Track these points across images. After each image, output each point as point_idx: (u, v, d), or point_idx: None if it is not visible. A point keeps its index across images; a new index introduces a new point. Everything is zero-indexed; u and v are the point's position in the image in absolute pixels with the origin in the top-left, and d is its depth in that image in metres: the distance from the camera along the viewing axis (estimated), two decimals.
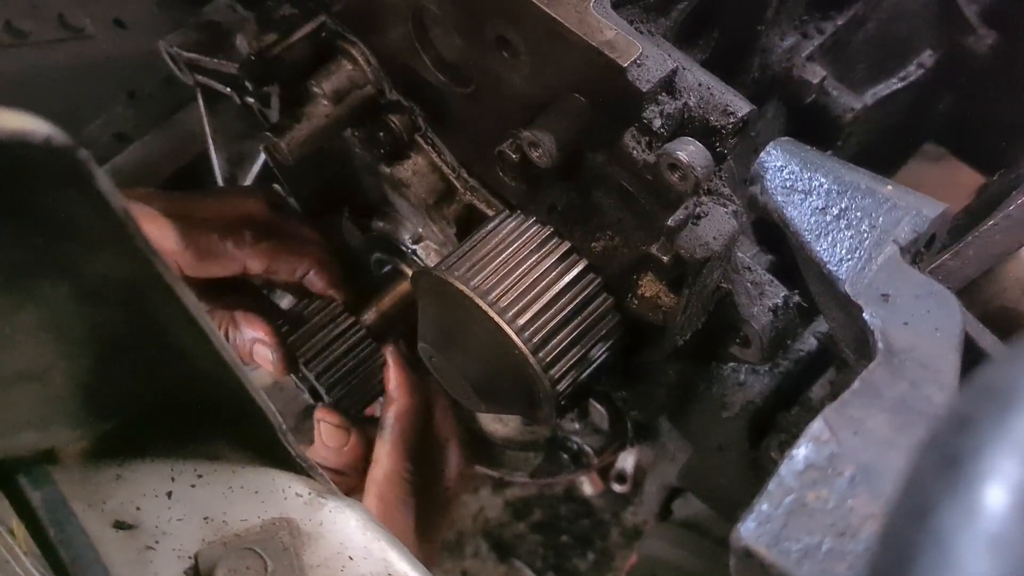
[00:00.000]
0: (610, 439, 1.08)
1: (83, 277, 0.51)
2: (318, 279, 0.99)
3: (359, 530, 0.63)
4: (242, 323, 0.98)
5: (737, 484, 0.91)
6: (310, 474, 0.65)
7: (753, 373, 0.89)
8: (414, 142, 0.90)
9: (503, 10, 0.70)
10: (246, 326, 0.97)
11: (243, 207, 0.99)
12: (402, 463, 0.97)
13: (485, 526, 2.08)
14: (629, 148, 0.70)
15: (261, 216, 0.99)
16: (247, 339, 0.97)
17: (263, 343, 0.97)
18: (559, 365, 0.77)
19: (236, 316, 0.98)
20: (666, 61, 0.68)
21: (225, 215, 0.96)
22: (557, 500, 2.10)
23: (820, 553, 0.48)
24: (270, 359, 0.97)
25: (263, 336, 0.96)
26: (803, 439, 0.52)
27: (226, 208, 0.98)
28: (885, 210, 0.67)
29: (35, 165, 0.42)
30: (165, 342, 0.57)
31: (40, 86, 1.07)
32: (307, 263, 0.98)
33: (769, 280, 0.80)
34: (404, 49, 0.82)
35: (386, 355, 0.99)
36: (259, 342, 0.97)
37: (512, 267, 0.76)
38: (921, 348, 0.57)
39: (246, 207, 0.99)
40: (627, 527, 2.07)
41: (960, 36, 1.09)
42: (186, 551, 0.60)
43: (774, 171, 0.71)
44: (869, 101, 1.04)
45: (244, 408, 0.60)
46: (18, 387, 0.56)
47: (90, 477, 0.62)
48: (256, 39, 0.87)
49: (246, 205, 0.99)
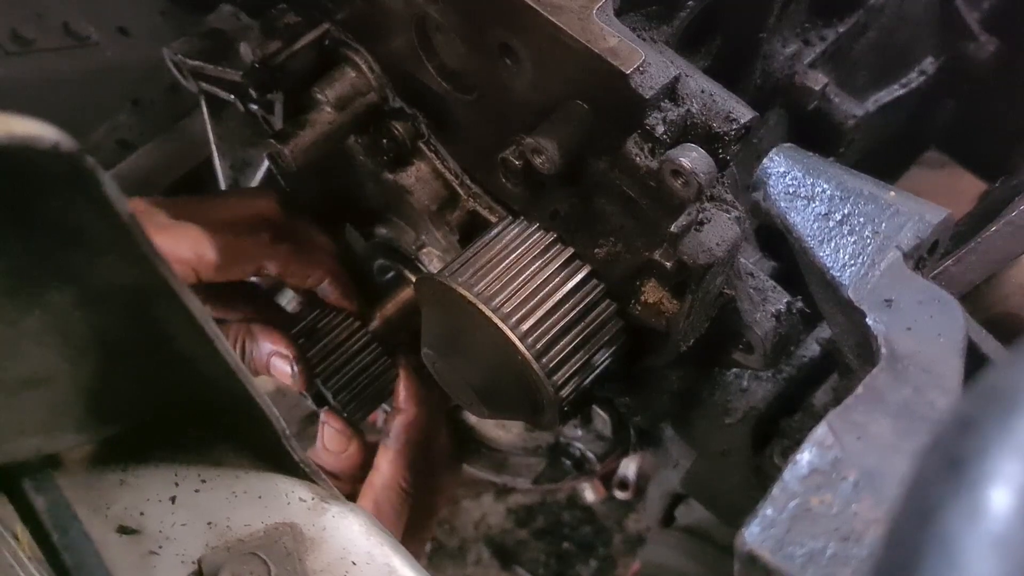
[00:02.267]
0: (613, 445, 1.08)
1: (89, 282, 0.52)
2: (332, 290, 0.98)
3: (362, 535, 0.63)
4: (259, 335, 0.96)
5: (740, 490, 0.91)
6: (313, 479, 0.65)
7: (756, 379, 0.89)
8: (417, 149, 0.90)
9: (506, 18, 0.70)
10: (263, 338, 0.96)
11: (256, 208, 0.98)
12: (402, 473, 0.97)
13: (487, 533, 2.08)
14: (632, 155, 0.70)
15: (275, 217, 0.98)
16: (264, 352, 0.96)
17: (282, 356, 0.96)
18: (562, 371, 0.77)
19: (253, 328, 0.97)
20: (668, 68, 0.68)
21: (239, 216, 0.95)
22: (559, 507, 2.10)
23: (824, 558, 0.48)
24: (289, 372, 0.96)
25: (282, 349, 0.95)
26: (807, 444, 0.52)
27: (239, 209, 0.97)
28: (888, 216, 0.68)
29: (42, 170, 0.43)
30: (170, 347, 0.57)
31: (45, 93, 1.07)
32: (321, 272, 0.97)
33: (772, 286, 0.80)
34: (407, 56, 0.83)
35: (400, 367, 0.99)
36: (277, 355, 0.96)
37: (515, 273, 0.76)
38: (924, 353, 0.57)
39: (259, 208, 0.98)
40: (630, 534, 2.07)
41: (962, 43, 1.09)
42: (190, 556, 0.60)
43: (777, 177, 0.71)
44: (871, 108, 1.04)
45: (248, 413, 0.61)
46: (23, 392, 0.56)
47: (94, 482, 0.63)
48: (260, 47, 0.87)
49: (258, 206, 0.98)
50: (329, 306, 0.99)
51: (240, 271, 0.93)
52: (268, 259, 0.94)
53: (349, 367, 0.98)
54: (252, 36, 0.89)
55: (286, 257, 0.94)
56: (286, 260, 0.95)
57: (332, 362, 0.97)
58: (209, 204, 0.97)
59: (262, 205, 0.98)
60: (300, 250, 0.96)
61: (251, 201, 0.99)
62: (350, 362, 0.98)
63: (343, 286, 0.98)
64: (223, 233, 0.91)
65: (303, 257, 0.96)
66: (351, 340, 0.98)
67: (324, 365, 0.97)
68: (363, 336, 0.99)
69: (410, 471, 0.98)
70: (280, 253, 0.94)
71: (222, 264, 0.90)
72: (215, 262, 0.90)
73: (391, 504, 0.97)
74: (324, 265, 0.97)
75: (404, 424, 0.98)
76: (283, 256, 0.94)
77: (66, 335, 0.54)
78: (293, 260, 0.95)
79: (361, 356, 0.99)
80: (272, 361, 0.96)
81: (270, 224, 0.96)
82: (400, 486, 0.97)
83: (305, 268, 0.96)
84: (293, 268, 0.95)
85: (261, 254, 0.93)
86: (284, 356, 0.95)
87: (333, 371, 0.97)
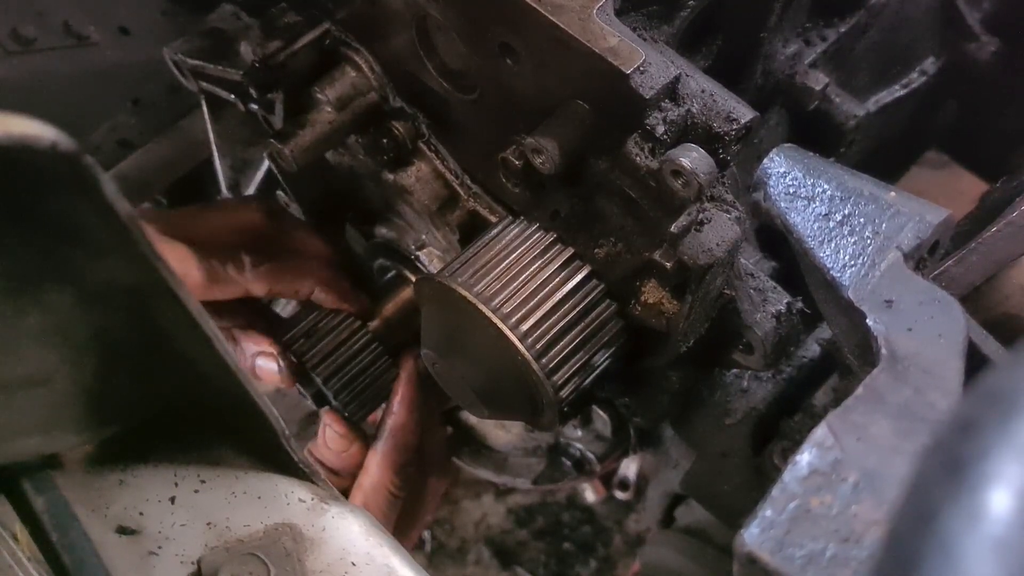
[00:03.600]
0: (613, 446, 1.08)
1: (88, 282, 0.51)
2: (326, 296, 0.98)
3: (362, 536, 0.63)
4: (241, 339, 0.96)
5: (740, 491, 0.91)
6: (313, 480, 0.65)
7: (756, 380, 0.89)
8: (417, 149, 0.90)
9: (506, 17, 0.70)
10: (246, 341, 0.96)
11: (241, 220, 0.97)
12: (389, 476, 0.97)
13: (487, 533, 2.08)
14: (632, 154, 0.70)
15: (261, 229, 0.98)
16: (248, 355, 0.96)
17: (266, 355, 0.96)
18: (562, 371, 0.77)
19: (234, 333, 0.97)
20: (669, 68, 0.68)
21: (222, 236, 0.95)
22: (559, 507, 2.10)
23: (824, 559, 0.48)
24: (275, 370, 0.96)
25: (266, 348, 0.95)
26: (807, 445, 0.52)
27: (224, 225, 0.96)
28: (888, 216, 0.68)
29: (41, 170, 0.43)
30: (169, 347, 0.57)
31: (45, 93, 1.08)
32: (311, 282, 0.97)
33: (772, 287, 0.80)
34: (408, 56, 0.83)
35: (401, 367, 0.99)
36: (261, 355, 0.96)
37: (515, 273, 0.76)
38: (924, 354, 0.57)
39: (244, 220, 0.98)
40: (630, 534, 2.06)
41: (963, 43, 1.09)
42: (189, 556, 0.60)
43: (777, 177, 0.71)
44: (872, 108, 1.04)
45: (247, 413, 0.60)
46: (22, 392, 0.56)
47: (93, 482, 0.63)
48: (260, 46, 0.87)
49: (244, 217, 0.98)
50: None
51: (221, 293, 0.93)
52: (250, 283, 0.93)
53: (349, 367, 0.98)
54: (252, 36, 0.89)
55: (269, 278, 0.94)
56: (270, 281, 0.94)
57: (332, 362, 0.97)
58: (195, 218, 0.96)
59: (246, 218, 0.98)
60: (285, 266, 0.95)
61: (236, 214, 0.99)
62: (350, 362, 0.98)
63: (336, 292, 0.98)
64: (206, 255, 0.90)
65: (288, 273, 0.95)
66: (351, 340, 0.98)
67: (324, 365, 0.97)
68: (363, 336, 0.98)
69: (399, 474, 0.98)
70: (262, 275, 0.93)
71: (206, 287, 0.90)
72: (200, 284, 0.89)
73: (379, 506, 0.97)
74: (314, 275, 0.97)
75: (393, 427, 0.98)
76: (266, 277, 0.94)
77: (65, 335, 0.54)
78: (277, 279, 0.95)
79: (362, 356, 0.99)
80: (257, 363, 0.96)
81: (254, 236, 0.96)
82: (388, 489, 0.97)
83: (292, 284, 0.96)
84: (279, 287, 0.95)
85: (243, 279, 0.93)
86: (268, 354, 0.96)
87: (333, 371, 0.97)
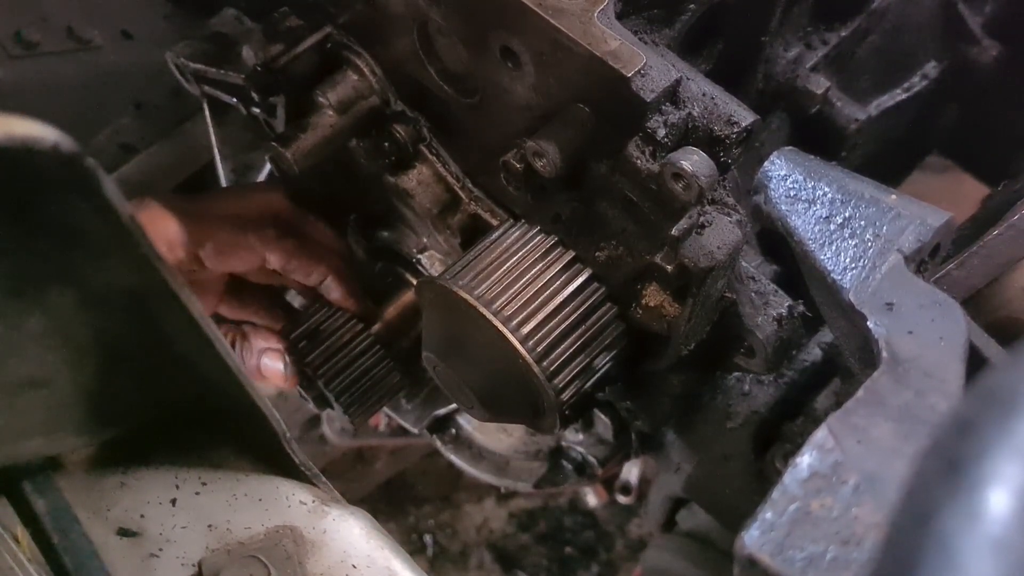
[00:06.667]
0: (614, 449, 1.08)
1: (90, 284, 0.52)
2: (335, 288, 0.99)
3: (363, 538, 0.63)
4: (251, 334, 0.98)
5: (742, 495, 0.91)
6: (314, 482, 0.65)
7: (758, 383, 0.89)
8: (419, 152, 0.90)
9: (507, 21, 0.70)
10: (255, 337, 0.98)
11: (266, 203, 0.99)
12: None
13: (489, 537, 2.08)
14: (633, 158, 0.70)
15: (284, 213, 0.99)
16: (256, 350, 0.98)
17: (272, 351, 0.97)
18: (563, 374, 0.77)
19: (244, 328, 0.99)
20: (670, 71, 0.68)
21: (247, 209, 0.97)
22: (561, 511, 2.10)
23: (824, 562, 0.48)
24: (281, 368, 0.97)
25: (273, 344, 0.97)
26: (807, 447, 0.52)
27: (248, 202, 0.99)
28: (889, 219, 0.68)
29: (43, 172, 0.43)
30: (170, 350, 0.57)
31: (48, 96, 1.08)
32: (324, 269, 0.98)
33: (773, 290, 0.80)
34: (409, 60, 0.83)
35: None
36: (268, 351, 0.97)
37: (516, 276, 0.76)
38: (925, 357, 0.57)
39: (269, 202, 0.99)
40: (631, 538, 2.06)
41: (964, 47, 1.09)
42: (190, 559, 0.60)
43: (778, 180, 0.71)
44: (873, 112, 1.04)
45: (249, 416, 0.61)
46: (24, 394, 0.56)
47: (94, 484, 0.63)
48: (262, 50, 0.88)
49: (269, 200, 1.00)
50: (332, 307, 0.99)
51: (242, 261, 0.94)
52: (271, 251, 0.95)
53: (351, 370, 0.98)
54: (254, 39, 0.90)
55: (289, 252, 0.95)
56: (289, 255, 0.95)
57: (334, 365, 0.98)
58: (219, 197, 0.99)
59: (272, 199, 0.99)
60: (304, 246, 0.97)
61: (261, 196, 1.01)
62: (352, 365, 0.98)
63: (346, 285, 0.99)
64: (229, 223, 0.93)
65: (306, 253, 0.97)
66: (353, 343, 0.98)
67: (326, 368, 0.97)
68: (365, 339, 0.99)
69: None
70: (283, 247, 0.95)
71: (226, 252, 0.92)
72: (219, 249, 0.91)
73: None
74: (328, 263, 0.98)
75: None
76: (286, 250, 0.95)
77: (67, 337, 0.54)
78: (295, 256, 0.96)
79: (363, 359, 0.99)
80: (263, 361, 0.97)
81: (278, 219, 0.97)
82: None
83: (308, 264, 0.97)
84: (295, 263, 0.96)
85: (264, 246, 0.94)
86: (275, 351, 0.97)
87: (335, 374, 0.98)
